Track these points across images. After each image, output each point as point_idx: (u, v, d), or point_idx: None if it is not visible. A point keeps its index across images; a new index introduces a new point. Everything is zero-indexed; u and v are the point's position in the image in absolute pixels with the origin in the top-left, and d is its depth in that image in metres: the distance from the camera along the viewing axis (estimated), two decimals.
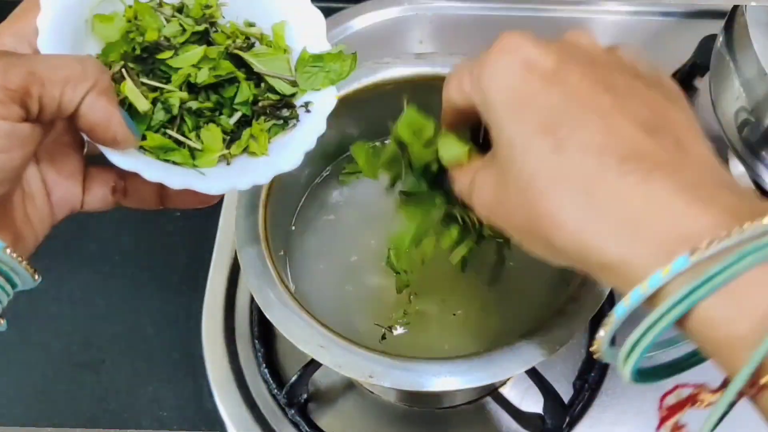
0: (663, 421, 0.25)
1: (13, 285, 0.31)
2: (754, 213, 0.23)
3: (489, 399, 0.55)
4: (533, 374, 0.50)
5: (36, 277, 0.31)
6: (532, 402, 0.54)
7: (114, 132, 0.30)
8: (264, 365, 0.56)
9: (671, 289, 0.23)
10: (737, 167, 0.63)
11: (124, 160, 0.31)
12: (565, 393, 0.53)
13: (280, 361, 0.57)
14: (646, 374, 0.27)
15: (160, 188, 0.34)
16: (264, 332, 0.57)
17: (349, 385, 0.56)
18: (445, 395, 0.54)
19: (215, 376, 0.56)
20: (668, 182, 0.24)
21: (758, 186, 0.60)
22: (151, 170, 0.32)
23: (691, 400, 0.25)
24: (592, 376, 0.54)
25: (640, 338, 0.24)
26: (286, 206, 0.51)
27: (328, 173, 0.55)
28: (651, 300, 0.24)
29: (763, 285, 0.22)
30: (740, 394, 0.23)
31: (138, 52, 0.35)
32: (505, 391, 0.55)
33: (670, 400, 0.25)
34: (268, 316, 0.41)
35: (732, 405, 0.23)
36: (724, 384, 0.24)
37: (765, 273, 0.22)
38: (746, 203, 0.24)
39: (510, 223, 0.29)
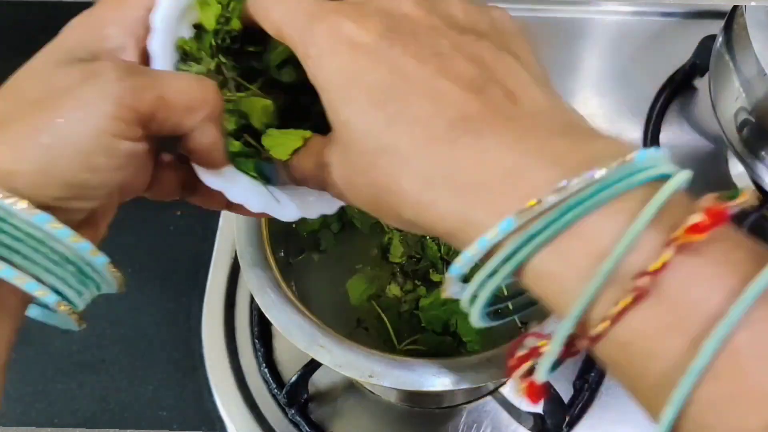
0: (511, 370, 0.26)
1: (97, 288, 0.30)
2: (586, 160, 0.23)
3: (489, 399, 0.55)
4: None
5: (114, 271, 0.30)
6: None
7: (214, 157, 0.31)
8: (264, 365, 0.56)
9: (501, 246, 0.23)
10: (737, 167, 0.63)
11: (212, 179, 0.31)
12: (565, 393, 0.53)
13: (280, 361, 0.57)
14: (496, 316, 0.27)
15: (186, 180, 0.33)
16: (264, 332, 0.57)
17: (349, 385, 0.56)
18: (445, 395, 0.54)
19: (215, 376, 0.56)
20: (497, 139, 0.24)
21: (758, 186, 0.60)
22: (235, 191, 0.32)
23: (536, 352, 0.25)
24: (592, 376, 0.54)
25: (478, 289, 0.25)
26: None
27: None
28: (489, 255, 0.24)
29: (586, 236, 0.22)
30: (575, 347, 0.23)
31: (228, 42, 0.33)
32: (505, 391, 0.55)
33: (520, 351, 0.26)
34: (268, 316, 0.41)
35: (567, 355, 0.24)
36: None
37: (590, 223, 0.22)
38: (580, 149, 0.24)
39: (361, 200, 0.29)
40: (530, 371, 0.25)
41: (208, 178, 0.31)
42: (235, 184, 0.32)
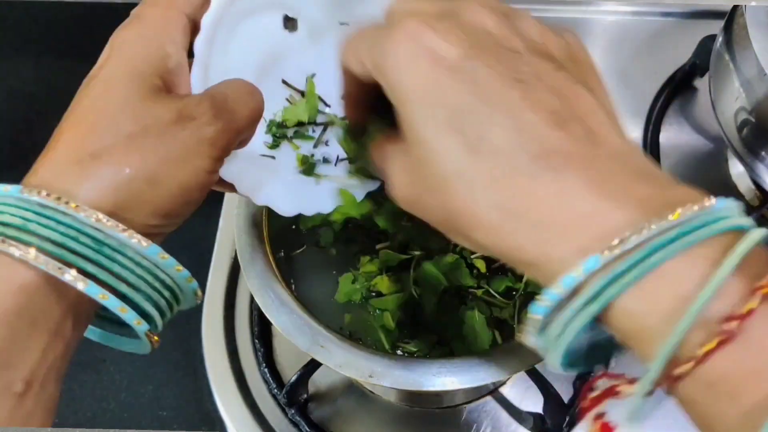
0: (584, 412, 0.26)
1: (177, 302, 0.32)
2: (665, 205, 0.23)
3: (489, 399, 0.55)
4: (533, 374, 0.50)
5: (198, 293, 0.32)
6: (532, 402, 0.54)
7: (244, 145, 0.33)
8: (264, 365, 0.56)
9: (587, 286, 0.24)
10: (737, 167, 0.63)
11: (225, 168, 0.32)
12: (565, 393, 0.53)
13: (280, 361, 0.57)
14: (575, 363, 0.28)
15: None
16: (264, 332, 0.57)
17: (349, 385, 0.56)
18: (445, 395, 0.54)
19: (215, 376, 0.56)
20: (579, 178, 0.24)
21: (758, 186, 0.60)
22: (243, 183, 0.34)
23: (612, 392, 0.26)
24: (592, 376, 0.54)
25: (561, 332, 0.25)
26: None
27: None
28: (573, 295, 0.24)
29: (670, 278, 0.23)
30: (656, 385, 0.23)
31: None
32: (505, 391, 0.55)
33: (593, 390, 0.26)
34: (268, 316, 0.41)
35: (649, 396, 0.24)
36: None
37: (673, 266, 0.23)
38: (659, 194, 0.24)
39: (430, 217, 0.29)
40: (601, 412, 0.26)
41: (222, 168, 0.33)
42: (242, 177, 0.34)
